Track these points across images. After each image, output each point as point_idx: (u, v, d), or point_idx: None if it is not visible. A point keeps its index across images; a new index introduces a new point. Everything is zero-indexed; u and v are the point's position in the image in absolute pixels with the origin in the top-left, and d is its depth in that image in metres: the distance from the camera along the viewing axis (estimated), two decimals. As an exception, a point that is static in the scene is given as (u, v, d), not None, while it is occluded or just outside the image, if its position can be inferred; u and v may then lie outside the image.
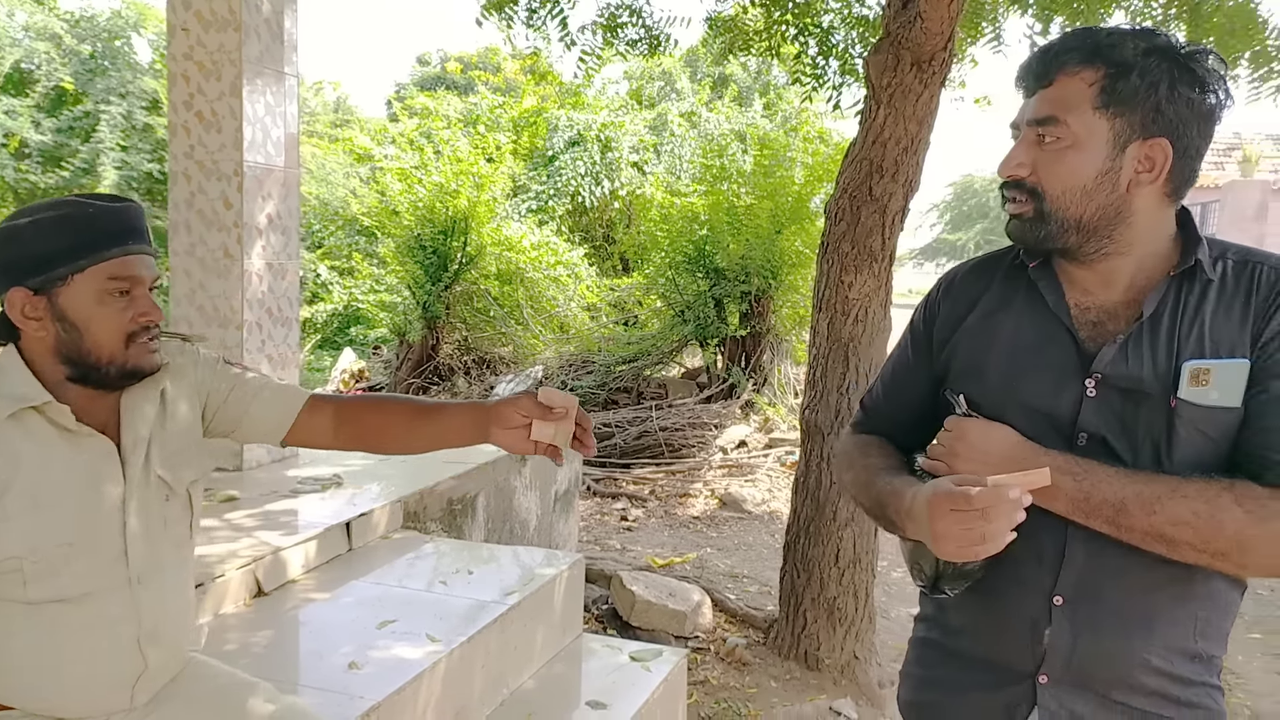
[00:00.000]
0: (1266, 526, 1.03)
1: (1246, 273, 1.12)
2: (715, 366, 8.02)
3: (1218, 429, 1.09)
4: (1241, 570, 1.07)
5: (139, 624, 1.44)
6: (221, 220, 3.30)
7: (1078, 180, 1.12)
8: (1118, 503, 1.07)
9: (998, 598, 1.19)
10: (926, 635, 1.33)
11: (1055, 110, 1.12)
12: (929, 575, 1.21)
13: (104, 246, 1.34)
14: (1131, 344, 1.12)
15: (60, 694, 1.40)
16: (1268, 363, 1.08)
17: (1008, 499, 1.04)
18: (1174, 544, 1.06)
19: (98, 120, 12.80)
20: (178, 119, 3.29)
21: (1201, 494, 1.05)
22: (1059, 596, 1.14)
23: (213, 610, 2.34)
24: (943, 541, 1.09)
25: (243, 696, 1.58)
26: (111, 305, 1.35)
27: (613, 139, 11.14)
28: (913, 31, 3.23)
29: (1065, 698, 1.16)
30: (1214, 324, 1.10)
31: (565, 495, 4.51)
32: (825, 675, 3.61)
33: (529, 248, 9.14)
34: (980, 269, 1.31)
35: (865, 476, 1.31)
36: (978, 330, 1.25)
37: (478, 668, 2.31)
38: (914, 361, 1.34)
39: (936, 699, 1.28)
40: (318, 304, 13.07)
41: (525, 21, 4.71)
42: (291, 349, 3.59)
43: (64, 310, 1.34)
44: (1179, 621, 1.13)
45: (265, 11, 3.28)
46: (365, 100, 58.75)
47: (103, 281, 1.34)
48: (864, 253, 3.47)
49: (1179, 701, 1.14)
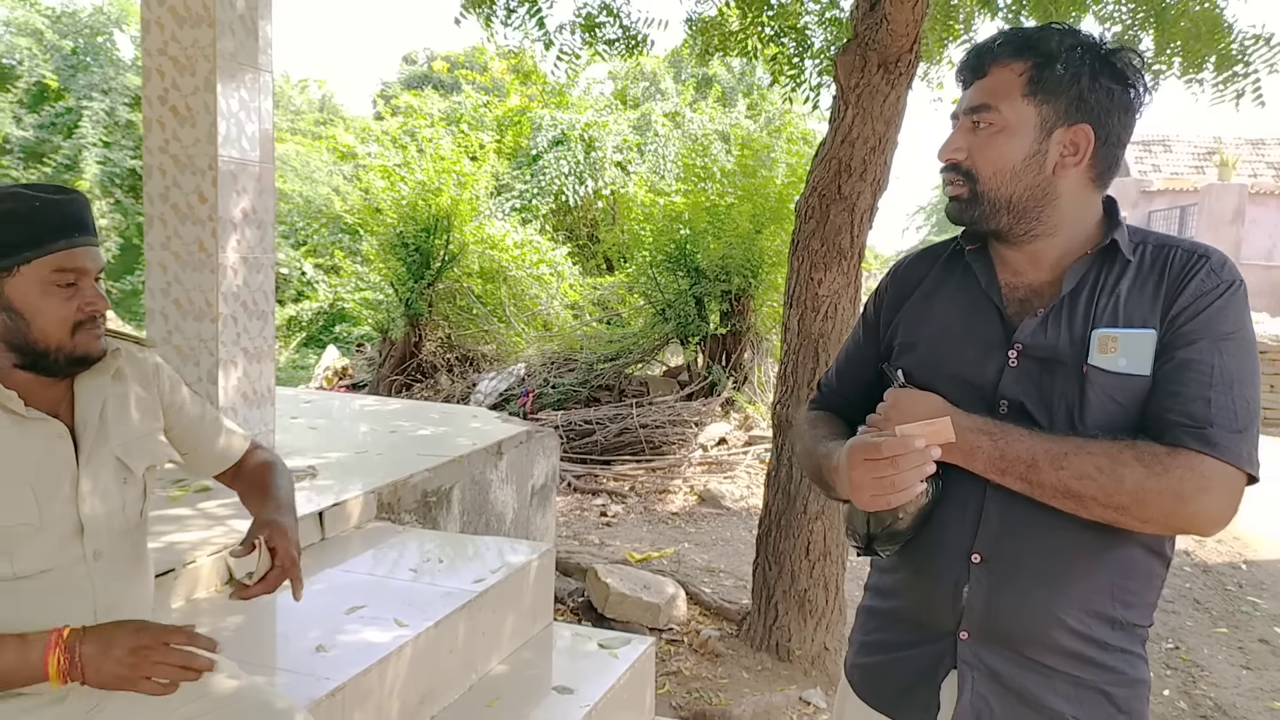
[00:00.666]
0: (1161, 480, 1.09)
1: (1162, 255, 1.20)
2: (696, 365, 8.08)
3: (1127, 395, 1.15)
4: (1144, 525, 1.12)
5: (94, 599, 1.47)
6: (196, 214, 3.32)
7: (1007, 162, 1.20)
8: (1029, 459, 1.13)
9: (923, 558, 1.25)
10: (869, 603, 1.39)
11: (987, 98, 1.20)
12: (862, 535, 1.27)
13: (49, 239, 1.37)
14: (1051, 317, 1.20)
15: None
16: (1175, 334, 1.14)
17: (913, 448, 1.12)
18: (1080, 498, 1.12)
19: (80, 116, 12.76)
20: (152, 113, 3.31)
21: (1105, 451, 1.11)
22: (977, 555, 1.20)
23: (185, 595, 2.37)
24: (858, 490, 1.16)
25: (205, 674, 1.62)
26: (57, 295, 1.39)
27: (596, 139, 11.19)
28: (879, 33, 3.30)
29: (984, 654, 1.21)
30: (1129, 299, 1.18)
31: (543, 490, 4.55)
32: (796, 666, 3.67)
33: (512, 246, 9.18)
34: (923, 256, 1.40)
35: (809, 445, 1.39)
36: (917, 309, 1.34)
37: (445, 652, 2.35)
38: (864, 343, 1.43)
39: (875, 660, 1.34)
40: (303, 302, 13.07)
41: (503, 20, 4.75)
42: (267, 342, 3.61)
43: (10, 300, 1.38)
44: (1094, 586, 1.18)
45: (239, 8, 3.30)
46: (351, 98, 58.58)
47: (48, 273, 1.38)
48: (833, 250, 3.53)
49: (1096, 664, 1.19)
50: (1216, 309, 1.14)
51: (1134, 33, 4.90)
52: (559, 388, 7.89)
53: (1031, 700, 1.20)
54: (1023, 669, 1.20)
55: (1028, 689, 1.20)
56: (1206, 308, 1.14)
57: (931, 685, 1.25)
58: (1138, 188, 14.93)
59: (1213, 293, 1.15)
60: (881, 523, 1.23)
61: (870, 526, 1.25)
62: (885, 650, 1.33)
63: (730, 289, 7.64)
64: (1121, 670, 1.20)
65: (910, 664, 1.28)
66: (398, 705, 2.18)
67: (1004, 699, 1.21)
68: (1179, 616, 4.61)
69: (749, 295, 7.74)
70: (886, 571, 1.35)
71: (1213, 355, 1.13)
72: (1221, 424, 1.10)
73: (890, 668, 1.31)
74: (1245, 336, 1.16)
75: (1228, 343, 1.14)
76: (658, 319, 7.99)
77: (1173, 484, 1.09)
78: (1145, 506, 1.10)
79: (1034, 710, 1.20)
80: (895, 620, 1.32)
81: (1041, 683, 1.20)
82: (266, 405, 3.67)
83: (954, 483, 1.20)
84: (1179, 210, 13.18)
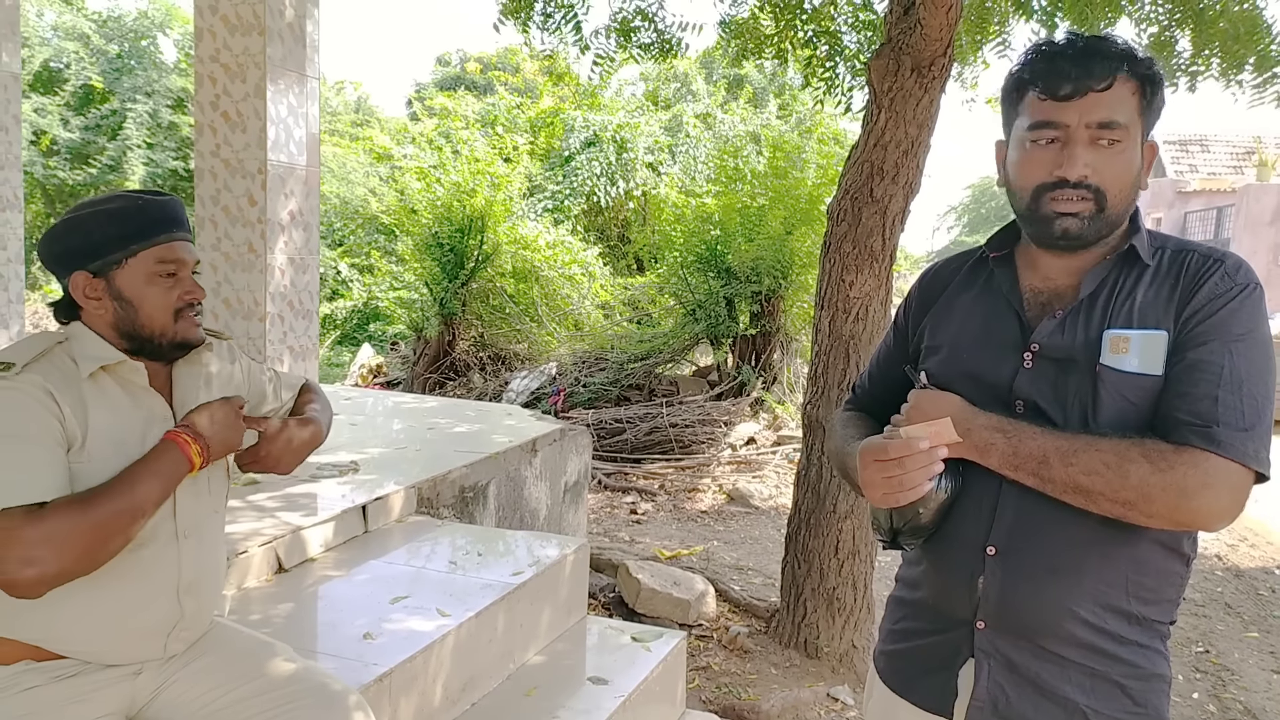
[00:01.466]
0: (1165, 477, 1.12)
1: (1179, 259, 1.24)
2: (726, 365, 8.12)
3: (1139, 395, 1.19)
4: (1149, 520, 1.16)
5: (180, 575, 1.58)
6: (246, 216, 3.44)
7: (1128, 179, 1.23)
8: (1041, 456, 1.18)
9: (943, 550, 1.31)
10: (898, 594, 1.46)
11: (1115, 115, 1.20)
12: (887, 530, 1.33)
13: (152, 234, 1.54)
14: (1069, 319, 1.25)
15: (103, 638, 1.53)
16: (1188, 335, 1.18)
17: (918, 449, 1.18)
18: (1088, 494, 1.16)
19: (124, 118, 13.06)
20: (204, 118, 3.44)
21: (1113, 448, 1.15)
22: (992, 547, 1.25)
23: (237, 584, 2.48)
24: (869, 489, 1.23)
25: (264, 656, 1.71)
26: (160, 285, 1.55)
27: (628, 140, 11.26)
28: (913, 37, 3.33)
29: (1000, 644, 1.26)
30: (1144, 302, 1.22)
31: (575, 487, 4.63)
32: (824, 663, 3.72)
33: (544, 246, 9.29)
34: (950, 263, 1.46)
35: (839, 444, 1.47)
36: (941, 314, 1.39)
37: (485, 642, 2.43)
38: (894, 347, 1.49)
39: (900, 648, 1.41)
40: (338, 300, 13.27)
41: (540, 25, 4.83)
42: (311, 341, 3.73)
43: (120, 289, 1.53)
44: (1108, 580, 1.22)
45: (288, 16, 3.42)
46: (386, 100, 59.18)
47: (152, 264, 1.54)
48: (865, 253, 3.57)
49: (1111, 656, 1.23)
50: (1229, 311, 1.18)
51: (1171, 33, 4.89)
52: (590, 387, 7.98)
53: (1046, 689, 1.24)
54: (1038, 659, 1.25)
55: (1043, 678, 1.24)
56: (1219, 310, 1.18)
57: (950, 672, 1.30)
58: (1174, 188, 14.74)
59: (1226, 295, 1.18)
60: (904, 517, 1.28)
61: (894, 521, 1.31)
62: (909, 638, 1.39)
63: (761, 290, 7.69)
64: (1138, 664, 1.24)
65: (930, 652, 1.34)
66: (441, 692, 2.26)
67: (1019, 687, 1.25)
68: (1210, 620, 4.59)
69: (779, 296, 7.77)
70: (912, 564, 1.41)
71: (1223, 356, 1.16)
72: (1227, 422, 1.13)
73: (912, 655, 1.37)
74: (1259, 338, 1.19)
75: (1239, 344, 1.17)
76: (688, 319, 8.05)
77: (1177, 480, 1.12)
78: (1150, 502, 1.13)
79: (1049, 699, 1.24)
80: (919, 610, 1.38)
81: (1056, 673, 1.24)
82: (310, 402, 3.78)
83: (972, 478, 1.25)
84: (1215, 211, 12.99)
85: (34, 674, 1.50)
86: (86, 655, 1.53)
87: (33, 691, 1.49)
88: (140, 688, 1.61)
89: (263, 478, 3.22)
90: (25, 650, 1.50)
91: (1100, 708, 1.23)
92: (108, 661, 1.55)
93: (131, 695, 1.60)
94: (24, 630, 1.49)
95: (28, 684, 1.49)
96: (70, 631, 1.51)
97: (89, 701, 1.54)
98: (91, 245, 1.52)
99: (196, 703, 1.62)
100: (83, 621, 1.51)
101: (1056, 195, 1.23)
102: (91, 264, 1.52)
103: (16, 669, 1.49)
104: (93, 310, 1.54)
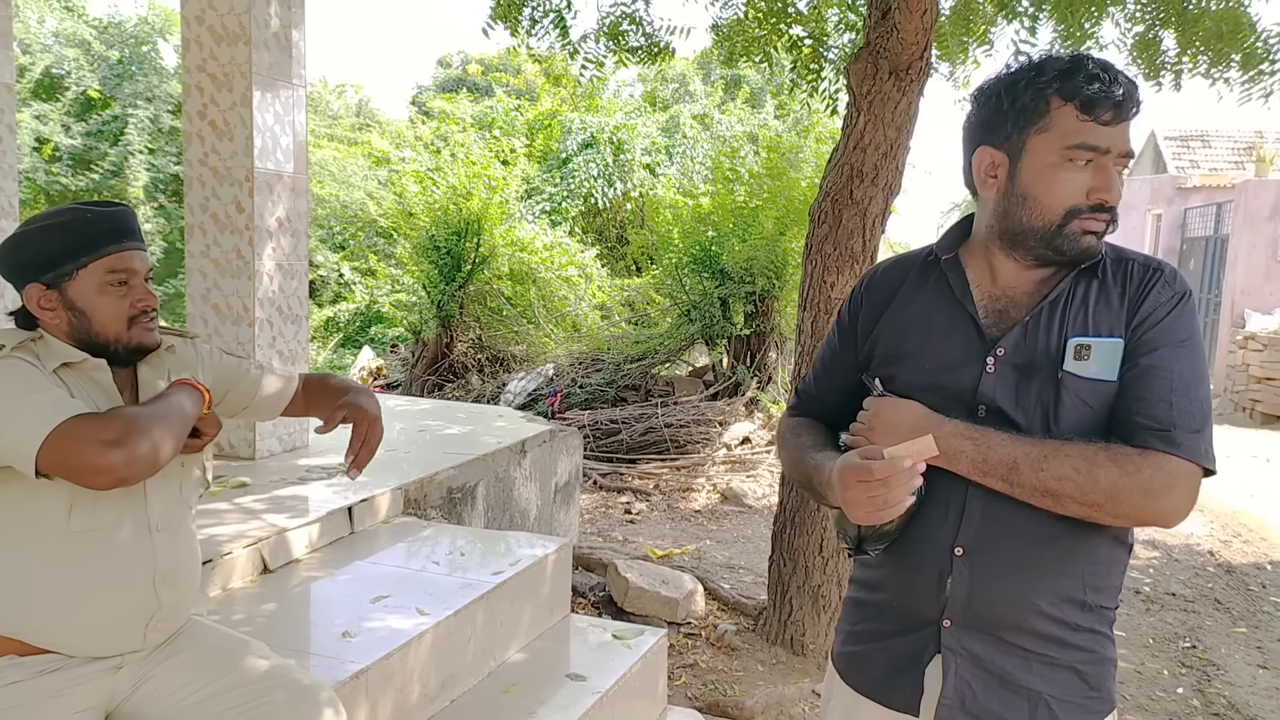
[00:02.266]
0: (1133, 480, 1.19)
1: (1122, 268, 1.29)
2: (721, 365, 8.17)
3: (1097, 399, 1.25)
4: (1115, 519, 1.22)
5: (155, 566, 1.64)
6: (234, 224, 3.49)
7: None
8: (1010, 462, 1.23)
9: (909, 553, 1.34)
10: (855, 595, 1.49)
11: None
12: (852, 538, 1.37)
13: (101, 245, 1.60)
14: (1031, 326, 1.29)
15: (84, 628, 1.59)
16: (1138, 343, 1.25)
17: (903, 468, 1.20)
18: (1058, 497, 1.21)
19: (125, 124, 13.14)
20: (192, 127, 3.49)
21: (1081, 453, 1.21)
22: (959, 548, 1.29)
23: (221, 585, 2.53)
24: (852, 508, 1.25)
25: (240, 653, 1.76)
26: (111, 294, 1.61)
27: (625, 141, 11.31)
28: (890, 41, 3.37)
29: (965, 640, 1.31)
30: (1096, 309, 1.27)
31: (565, 487, 4.68)
32: (810, 660, 3.76)
33: (541, 248, 9.34)
34: (897, 265, 1.48)
35: (796, 454, 1.47)
36: (896, 319, 1.41)
37: (465, 639, 2.48)
38: (840, 350, 1.50)
39: (861, 650, 1.44)
40: (340, 304, 13.35)
41: (527, 30, 4.88)
42: (301, 345, 3.78)
43: (73, 300, 1.60)
44: (1067, 574, 1.28)
45: (274, 26, 3.47)
46: (388, 103, 59.33)
47: (102, 274, 1.60)
48: (845, 254, 3.61)
49: (1067, 645, 1.29)
50: (1174, 318, 1.25)
51: (1155, 32, 4.92)
52: (586, 388, 8.03)
53: (1010, 682, 1.29)
54: (1002, 652, 1.30)
55: (1007, 671, 1.29)
56: (1165, 317, 1.24)
57: (916, 670, 1.34)
58: (1173, 184, 14.71)
59: (1169, 303, 1.25)
60: (872, 526, 1.31)
61: (861, 530, 1.34)
62: (870, 640, 1.42)
63: (755, 290, 7.73)
64: (1091, 649, 1.30)
65: (895, 651, 1.37)
66: (419, 688, 2.31)
67: (985, 681, 1.30)
68: (1198, 616, 4.62)
69: (773, 296, 7.81)
70: (871, 566, 1.43)
71: (1172, 361, 1.23)
72: (1183, 425, 1.21)
73: (876, 655, 1.40)
74: (1197, 342, 1.27)
75: (1183, 349, 1.24)
76: (683, 320, 8.09)
77: (1143, 482, 1.19)
78: (1118, 503, 1.20)
79: (1013, 691, 1.29)
80: (880, 611, 1.41)
81: (1020, 665, 1.29)
82: (300, 405, 3.83)
83: (937, 483, 1.28)
84: (1215, 207, 12.98)
85: (17, 669, 1.55)
86: (68, 648, 1.58)
87: (15, 686, 1.54)
88: (119, 682, 1.66)
89: (251, 480, 3.28)
90: (9, 645, 1.55)
91: (1060, 694, 1.29)
92: (89, 653, 1.60)
93: (111, 690, 1.66)
94: (7, 623, 1.55)
95: (11, 679, 1.54)
96: (52, 622, 1.57)
97: (69, 696, 1.59)
98: (43, 258, 1.59)
99: (172, 698, 1.67)
100: (64, 612, 1.57)
101: (1091, 218, 1.26)
102: (44, 276, 1.59)
103: (1, 663, 1.54)
104: (49, 320, 1.61)
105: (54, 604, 1.56)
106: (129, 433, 1.46)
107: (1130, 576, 5.12)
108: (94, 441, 1.43)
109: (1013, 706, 1.29)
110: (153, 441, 1.49)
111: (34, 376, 1.51)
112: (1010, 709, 1.29)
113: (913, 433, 1.26)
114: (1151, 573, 5.21)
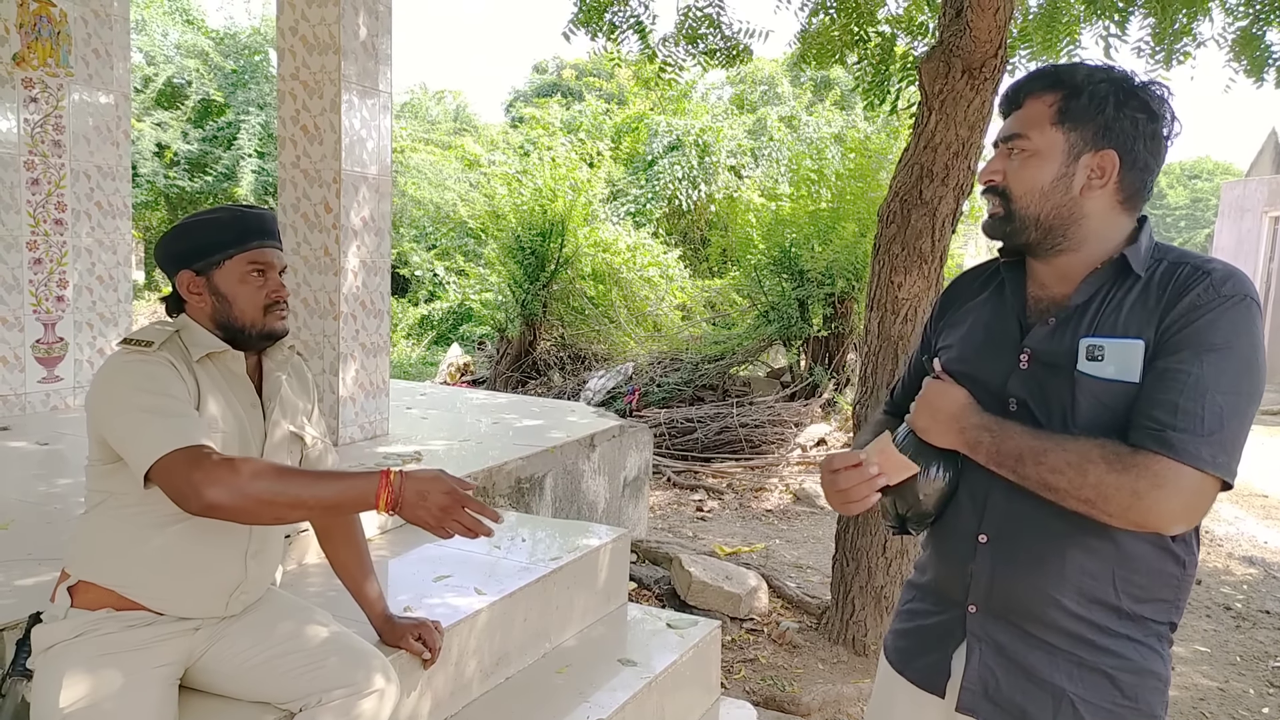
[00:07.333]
0: (1120, 478, 1.18)
1: (1173, 271, 1.26)
2: (798, 366, 8.13)
3: (1115, 400, 1.24)
4: (1110, 518, 1.21)
5: (250, 541, 1.81)
6: (323, 223, 3.70)
7: (1036, 184, 1.31)
8: (1018, 454, 1.26)
9: (942, 537, 1.41)
10: (911, 577, 1.56)
11: (1020, 128, 1.33)
12: (893, 516, 1.44)
13: (246, 239, 1.80)
14: (1059, 325, 1.31)
15: (175, 591, 1.76)
16: (1163, 345, 1.21)
17: (867, 475, 1.33)
18: (1056, 490, 1.23)
19: (238, 129, 13.89)
20: (286, 132, 3.72)
21: (1077, 448, 1.22)
22: (983, 535, 1.34)
23: (297, 560, 2.70)
24: (827, 494, 1.37)
25: (303, 618, 1.91)
26: (251, 283, 1.80)
27: (710, 144, 11.35)
28: (963, 40, 3.34)
29: (990, 627, 1.34)
30: (1130, 312, 1.26)
31: (634, 482, 4.77)
32: (871, 660, 3.74)
33: (625, 249, 9.47)
34: (972, 273, 1.54)
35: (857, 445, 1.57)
36: (958, 317, 1.49)
37: (518, 621, 2.59)
38: (919, 350, 1.59)
39: (906, 628, 1.51)
40: (434, 302, 13.79)
41: (607, 35, 4.99)
42: (383, 338, 3.97)
43: (218, 285, 1.80)
44: (1094, 575, 1.27)
45: (362, 36, 3.66)
46: (485, 108, 60.72)
47: (245, 265, 1.80)
48: (914, 254, 3.59)
49: (1098, 647, 1.29)
50: (1207, 322, 1.19)
51: (1261, 28, 4.71)
52: (664, 386, 8.11)
53: (1035, 676, 1.31)
54: (1026, 645, 1.32)
55: (1031, 664, 1.31)
56: (1197, 320, 1.20)
57: (944, 653, 1.39)
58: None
59: (1206, 306, 1.20)
60: (906, 504, 1.39)
61: (898, 508, 1.42)
62: (915, 618, 1.49)
63: (834, 291, 7.67)
64: (1127, 657, 1.29)
65: (929, 632, 1.43)
66: (474, 664, 2.42)
67: (1009, 670, 1.32)
68: (1291, 636, 4.39)
69: (852, 298, 7.74)
70: (924, 549, 1.52)
71: (1193, 364, 1.19)
72: (1185, 428, 1.17)
73: (914, 634, 1.47)
74: (1237, 351, 1.19)
75: (1213, 354, 1.18)
76: (762, 321, 8.09)
77: (1130, 481, 1.17)
78: (1107, 501, 1.19)
79: (1037, 685, 1.31)
80: (925, 592, 1.48)
81: (1045, 660, 1.30)
82: (381, 396, 4.03)
83: (969, 470, 1.35)
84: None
85: (111, 621, 1.73)
86: (159, 605, 1.76)
87: (109, 636, 1.72)
88: (196, 642, 1.82)
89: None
90: (108, 597, 1.73)
91: (1088, 696, 1.29)
92: (176, 613, 1.77)
93: (189, 649, 1.82)
94: (109, 575, 1.73)
95: (106, 629, 1.72)
96: (150, 582, 1.74)
97: (154, 650, 1.75)
98: (197, 248, 1.79)
99: (238, 659, 1.83)
100: (162, 574, 1.74)
101: (985, 199, 1.37)
102: (196, 263, 1.79)
103: (99, 615, 1.72)
104: (195, 304, 1.81)
105: (155, 566, 1.73)
106: (235, 495, 1.54)
107: (1221, 592, 4.91)
108: (197, 484, 1.55)
109: (1036, 700, 1.31)
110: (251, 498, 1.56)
111: (173, 383, 1.67)
112: (1033, 702, 1.31)
113: (948, 418, 1.34)
114: (1245, 589, 4.97)
